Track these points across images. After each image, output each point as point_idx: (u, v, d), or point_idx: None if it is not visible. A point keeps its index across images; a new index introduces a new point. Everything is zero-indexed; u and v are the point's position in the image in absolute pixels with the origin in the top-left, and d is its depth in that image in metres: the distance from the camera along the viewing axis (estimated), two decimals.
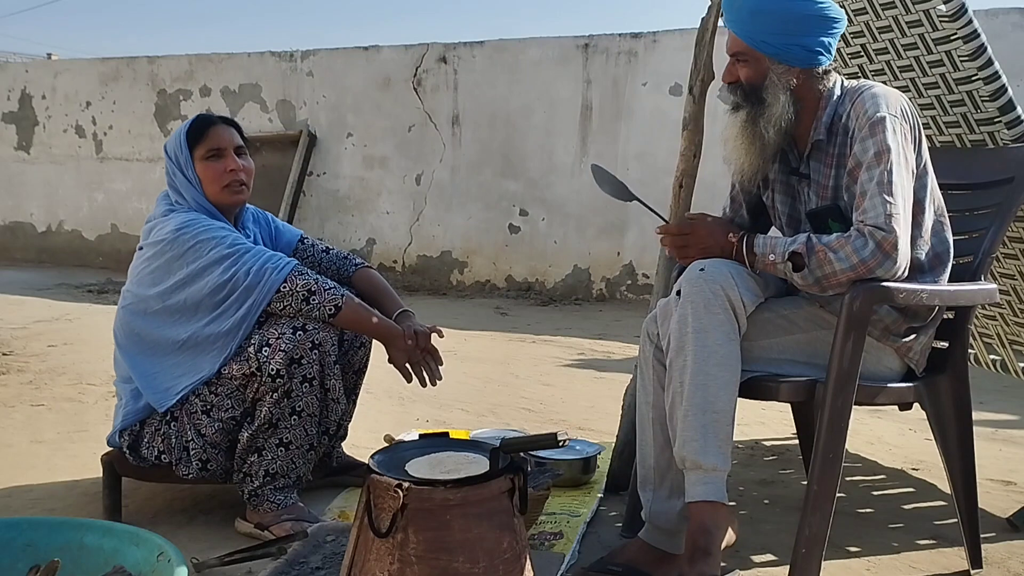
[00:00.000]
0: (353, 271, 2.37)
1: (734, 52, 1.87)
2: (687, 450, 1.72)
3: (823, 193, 1.89)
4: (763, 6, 1.81)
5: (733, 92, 1.89)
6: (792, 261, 1.76)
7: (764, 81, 1.85)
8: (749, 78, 1.86)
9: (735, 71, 1.88)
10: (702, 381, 1.72)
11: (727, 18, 1.88)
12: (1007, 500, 2.46)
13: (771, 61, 1.83)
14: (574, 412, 3.38)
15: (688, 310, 1.76)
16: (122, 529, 1.76)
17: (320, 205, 7.69)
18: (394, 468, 1.51)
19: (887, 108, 1.78)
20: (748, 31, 1.83)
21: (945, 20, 2.10)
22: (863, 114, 1.79)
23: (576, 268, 6.88)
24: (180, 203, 2.15)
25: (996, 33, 4.83)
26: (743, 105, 1.87)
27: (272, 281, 2.01)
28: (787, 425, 3.00)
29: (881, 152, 1.74)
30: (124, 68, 8.47)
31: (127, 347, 2.13)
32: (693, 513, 1.72)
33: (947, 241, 1.89)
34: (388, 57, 7.42)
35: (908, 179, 1.78)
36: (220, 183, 2.12)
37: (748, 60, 1.85)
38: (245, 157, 2.18)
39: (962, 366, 1.95)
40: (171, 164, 2.16)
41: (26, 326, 4.93)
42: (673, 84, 6.39)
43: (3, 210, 9.14)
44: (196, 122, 2.17)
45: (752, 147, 1.87)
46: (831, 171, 1.87)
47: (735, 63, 1.88)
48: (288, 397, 2.04)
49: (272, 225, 2.35)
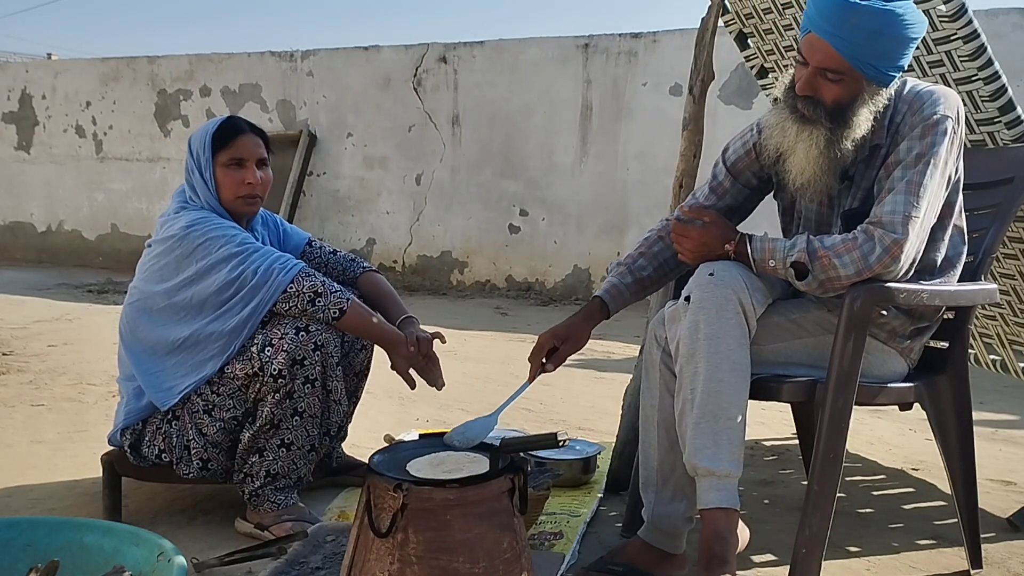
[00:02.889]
0: (359, 274, 2.37)
1: (827, 67, 1.71)
2: (699, 457, 1.69)
3: (859, 194, 1.83)
4: (886, 29, 1.67)
5: (809, 107, 1.75)
6: (794, 268, 1.74)
7: (855, 102, 1.73)
8: (839, 98, 1.73)
9: (818, 85, 1.73)
10: (715, 388, 1.70)
11: (825, 29, 1.70)
12: (1007, 500, 2.46)
13: (867, 83, 1.72)
14: (574, 412, 3.38)
15: (700, 316, 1.72)
16: (122, 529, 1.76)
17: (320, 205, 7.70)
18: (394, 468, 1.51)
19: (945, 109, 1.73)
20: (856, 51, 1.68)
21: (945, 20, 2.10)
22: (919, 113, 1.73)
23: (576, 268, 6.88)
24: (193, 200, 2.15)
25: (996, 33, 4.84)
26: (823, 124, 1.74)
27: (279, 281, 2.01)
28: (787, 425, 3.00)
29: (923, 153, 1.70)
30: (124, 68, 8.47)
31: (131, 344, 2.13)
32: (707, 520, 1.70)
33: (960, 247, 1.88)
34: (388, 57, 7.42)
35: (941, 185, 1.73)
36: (236, 193, 2.12)
37: (844, 80, 1.71)
38: (265, 169, 2.17)
39: (962, 366, 1.95)
40: (191, 161, 2.15)
41: (26, 326, 4.93)
42: (673, 84, 6.39)
43: (3, 210, 9.15)
44: (225, 126, 2.15)
45: (829, 167, 1.77)
46: (874, 172, 1.80)
47: (819, 77, 1.73)
48: (290, 398, 2.04)
49: (280, 228, 2.35)
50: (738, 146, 2.00)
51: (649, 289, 2.02)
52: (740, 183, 2.00)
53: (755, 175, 1.98)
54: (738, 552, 1.81)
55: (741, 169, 1.99)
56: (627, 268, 2.00)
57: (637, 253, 2.01)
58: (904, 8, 1.69)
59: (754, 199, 2.03)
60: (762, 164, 1.93)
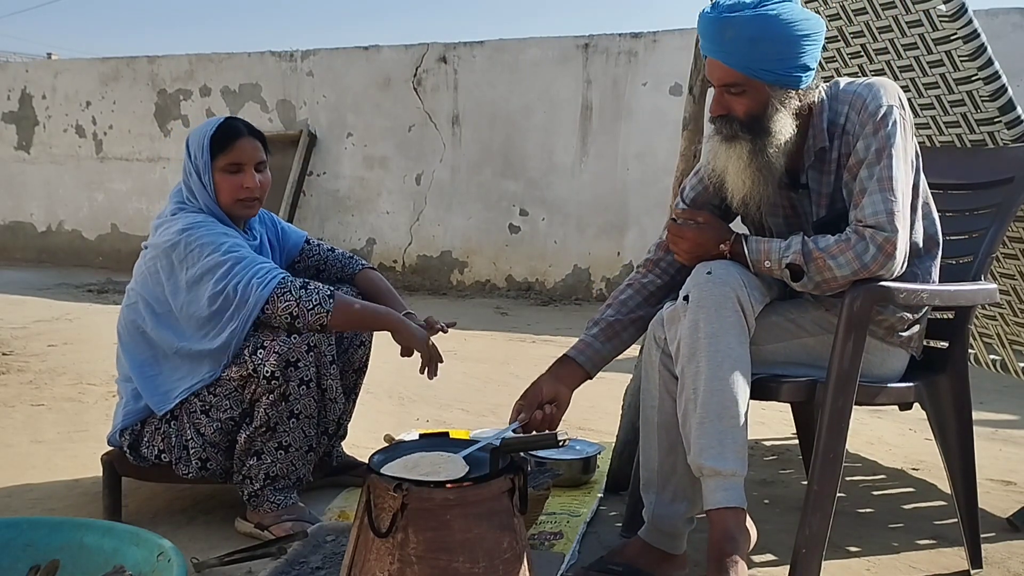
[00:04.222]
0: (357, 271, 2.37)
1: (726, 83, 1.74)
2: (704, 457, 1.69)
3: (822, 201, 1.83)
4: (764, 33, 1.68)
5: (727, 125, 1.77)
6: (790, 269, 1.74)
7: (766, 110, 1.73)
8: (749, 109, 1.74)
9: (727, 103, 1.76)
10: (717, 387, 1.69)
11: (711, 48, 1.74)
12: (1007, 500, 2.46)
13: (772, 88, 1.72)
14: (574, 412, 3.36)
15: (700, 315, 1.72)
16: (122, 529, 1.76)
17: (320, 205, 7.69)
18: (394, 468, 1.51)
19: (887, 98, 1.74)
20: (744, 61, 1.70)
21: (945, 20, 2.10)
22: (864, 109, 1.74)
23: (576, 268, 6.88)
24: (191, 202, 2.14)
25: (996, 33, 4.83)
26: (743, 137, 1.75)
27: (258, 297, 1.97)
28: (787, 425, 3.00)
29: (882, 148, 1.70)
30: (124, 68, 8.47)
31: (129, 346, 2.13)
32: (715, 520, 1.69)
33: (936, 221, 1.88)
34: (388, 57, 7.42)
35: (908, 173, 1.75)
36: (234, 196, 2.11)
37: (746, 91, 1.73)
38: (264, 172, 2.16)
39: (962, 366, 1.95)
40: (189, 163, 2.13)
41: (26, 326, 4.93)
42: (673, 84, 6.39)
43: (3, 210, 9.14)
44: (224, 129, 2.12)
45: (761, 177, 1.77)
46: (830, 177, 1.81)
47: (726, 95, 1.75)
48: (285, 400, 2.04)
49: (278, 227, 2.35)
50: (694, 182, 2.00)
51: (622, 335, 1.96)
52: (712, 202, 1.98)
53: (716, 207, 1.97)
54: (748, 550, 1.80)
55: (701, 204, 1.98)
56: (594, 321, 1.98)
57: (605, 306, 2.00)
58: (780, 8, 1.69)
59: None
60: (718, 194, 1.92)
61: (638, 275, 2.02)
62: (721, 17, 1.70)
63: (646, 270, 2.01)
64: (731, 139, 1.77)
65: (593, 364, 1.93)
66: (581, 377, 1.93)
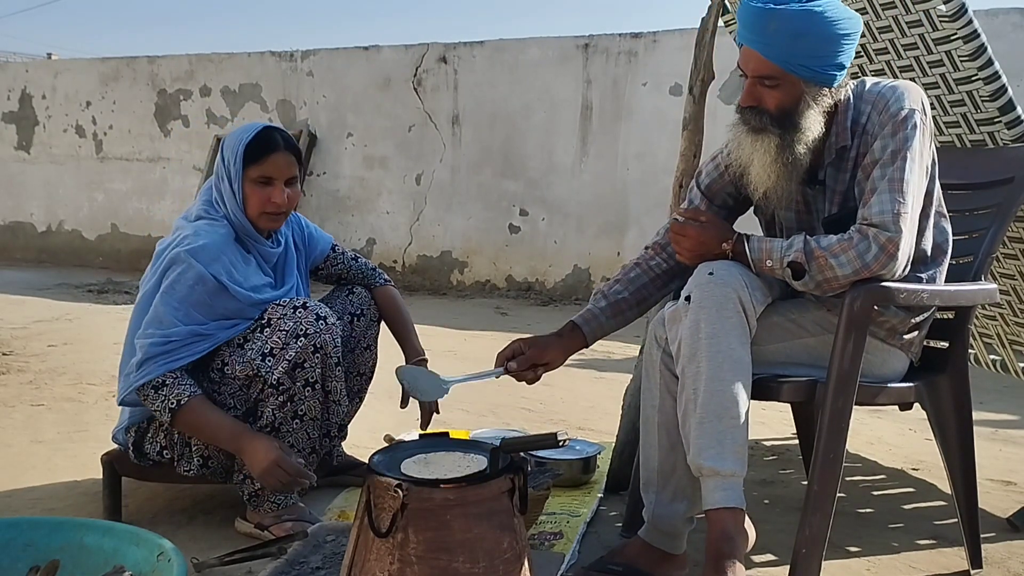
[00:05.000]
0: (379, 285, 2.39)
1: (761, 75, 1.73)
2: (704, 458, 1.69)
3: (835, 199, 1.83)
4: (809, 29, 1.67)
5: (756, 116, 1.76)
6: (791, 268, 1.74)
7: (798, 105, 1.73)
8: (781, 103, 1.73)
9: (759, 94, 1.75)
10: (717, 387, 1.69)
11: (750, 38, 1.72)
12: (1007, 500, 2.46)
13: (806, 84, 1.72)
14: (574, 412, 3.38)
15: (701, 316, 1.72)
16: (122, 529, 1.76)
17: (320, 205, 7.70)
18: (394, 468, 1.51)
19: (910, 102, 1.74)
20: (783, 54, 1.70)
21: (945, 20, 2.10)
22: (885, 111, 1.74)
23: (576, 268, 6.88)
24: (218, 206, 2.11)
25: (996, 33, 4.83)
26: (771, 130, 1.74)
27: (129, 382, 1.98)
28: (787, 425, 3.00)
29: (898, 150, 1.70)
30: (124, 68, 8.48)
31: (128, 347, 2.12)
32: (713, 520, 1.69)
33: (946, 231, 1.88)
34: (388, 57, 7.42)
35: (921, 177, 1.74)
36: (261, 209, 2.09)
37: (780, 84, 1.72)
38: (294, 186, 2.12)
39: (962, 366, 1.95)
40: (222, 167, 2.10)
41: (26, 326, 4.93)
42: (673, 84, 6.39)
43: (3, 210, 9.15)
44: (260, 139, 2.08)
45: (786, 172, 1.77)
46: (847, 175, 1.81)
47: (758, 86, 1.74)
48: (291, 401, 2.04)
49: (305, 230, 2.33)
50: (711, 168, 2.01)
51: (627, 313, 1.99)
52: (716, 205, 1.99)
53: (730, 195, 1.98)
54: (746, 551, 1.80)
55: (716, 191, 1.99)
56: (602, 294, 2.00)
57: (614, 280, 2.02)
58: (825, 6, 1.69)
59: (730, 219, 2.01)
60: (735, 183, 1.93)
61: (646, 256, 2.03)
62: (767, 8, 1.69)
63: (654, 252, 2.02)
64: (759, 131, 1.77)
65: (594, 336, 1.98)
66: (581, 346, 1.98)
